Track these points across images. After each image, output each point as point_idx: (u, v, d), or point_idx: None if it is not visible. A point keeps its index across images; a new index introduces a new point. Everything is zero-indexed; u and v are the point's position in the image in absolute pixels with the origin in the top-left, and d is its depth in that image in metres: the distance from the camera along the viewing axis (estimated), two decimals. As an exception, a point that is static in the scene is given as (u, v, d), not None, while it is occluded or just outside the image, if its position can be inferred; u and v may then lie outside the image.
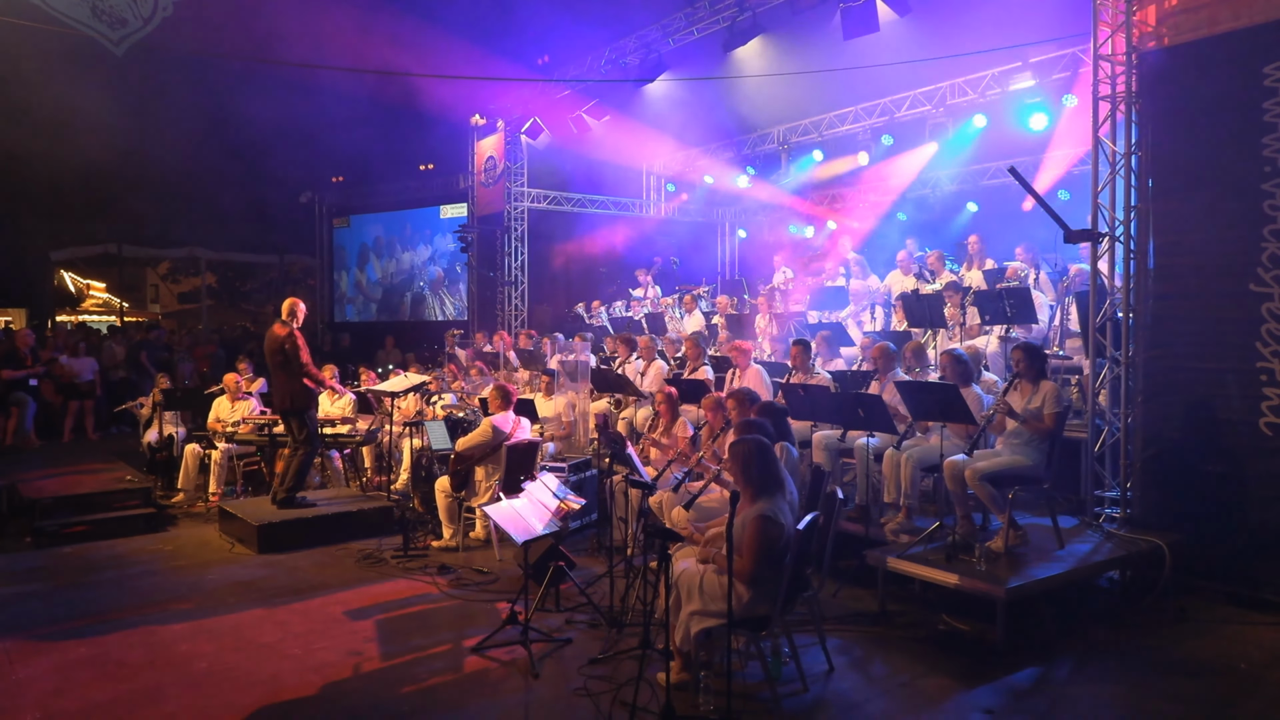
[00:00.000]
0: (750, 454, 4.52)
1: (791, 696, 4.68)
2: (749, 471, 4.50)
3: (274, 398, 8.41)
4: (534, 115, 16.05)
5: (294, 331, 8.19)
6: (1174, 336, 6.57)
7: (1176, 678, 4.94)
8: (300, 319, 8.35)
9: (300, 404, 8.22)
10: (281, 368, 8.16)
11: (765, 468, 4.51)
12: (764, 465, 4.51)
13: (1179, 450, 6.50)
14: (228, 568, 7.29)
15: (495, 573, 6.96)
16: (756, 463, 4.50)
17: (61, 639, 5.70)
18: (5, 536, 8.33)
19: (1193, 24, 6.46)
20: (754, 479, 4.49)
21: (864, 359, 8.33)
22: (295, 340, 8.14)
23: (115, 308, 25.58)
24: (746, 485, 4.51)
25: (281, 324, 8.26)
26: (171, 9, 10.90)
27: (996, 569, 5.54)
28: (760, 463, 4.51)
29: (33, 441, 13.02)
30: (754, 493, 4.49)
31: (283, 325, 8.23)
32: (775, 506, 4.42)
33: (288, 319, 8.26)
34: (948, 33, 11.20)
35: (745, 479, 4.52)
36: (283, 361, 8.13)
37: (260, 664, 5.22)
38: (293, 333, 8.18)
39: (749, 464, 4.51)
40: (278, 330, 8.22)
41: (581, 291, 16.93)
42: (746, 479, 4.51)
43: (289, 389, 8.17)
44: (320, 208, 23.68)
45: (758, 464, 4.50)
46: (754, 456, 4.51)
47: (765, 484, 4.49)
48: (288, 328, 8.20)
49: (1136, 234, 6.81)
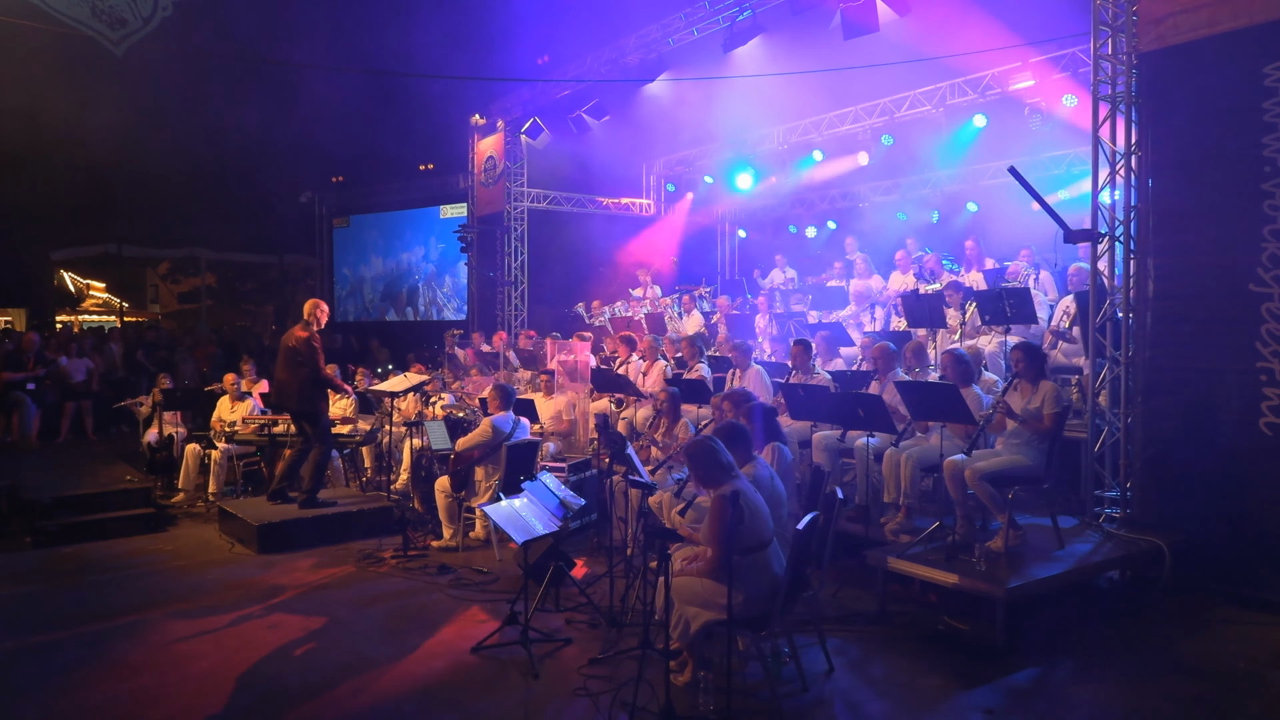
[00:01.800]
0: (695, 455, 4.73)
1: (791, 696, 4.68)
2: (697, 471, 4.72)
3: (286, 398, 8.38)
4: (534, 115, 16.04)
5: (314, 336, 8.23)
6: (1174, 336, 6.57)
7: (1177, 678, 4.93)
8: (321, 322, 8.38)
9: (314, 405, 8.26)
10: (296, 369, 8.17)
11: (711, 460, 4.66)
12: (710, 459, 4.67)
13: (1179, 450, 6.50)
14: (228, 568, 7.29)
15: (495, 572, 6.96)
16: (702, 462, 4.69)
17: (62, 639, 5.71)
18: (5, 536, 8.33)
19: (1192, 24, 6.46)
20: (703, 476, 4.69)
21: (864, 359, 8.34)
22: (314, 346, 8.17)
23: (115, 308, 25.57)
24: (701, 484, 4.75)
25: (303, 326, 8.28)
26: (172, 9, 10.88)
27: (996, 569, 5.55)
28: (705, 460, 4.68)
29: (32, 442, 13.01)
30: (710, 488, 4.65)
31: (304, 328, 8.26)
32: (731, 488, 4.48)
33: (309, 321, 8.29)
34: (947, 32, 11.20)
35: (697, 479, 4.75)
36: (299, 363, 8.15)
37: (260, 664, 5.22)
38: (313, 337, 8.21)
39: (695, 464, 4.72)
40: (298, 332, 8.24)
41: (582, 291, 16.90)
42: (698, 479, 4.74)
43: (303, 390, 8.19)
44: (320, 208, 23.68)
45: (703, 462, 4.68)
46: (698, 457, 4.71)
47: (714, 476, 4.65)
48: (308, 331, 8.23)
49: (1136, 234, 6.82)
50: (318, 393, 8.29)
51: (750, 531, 4.50)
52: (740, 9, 11.58)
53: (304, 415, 8.31)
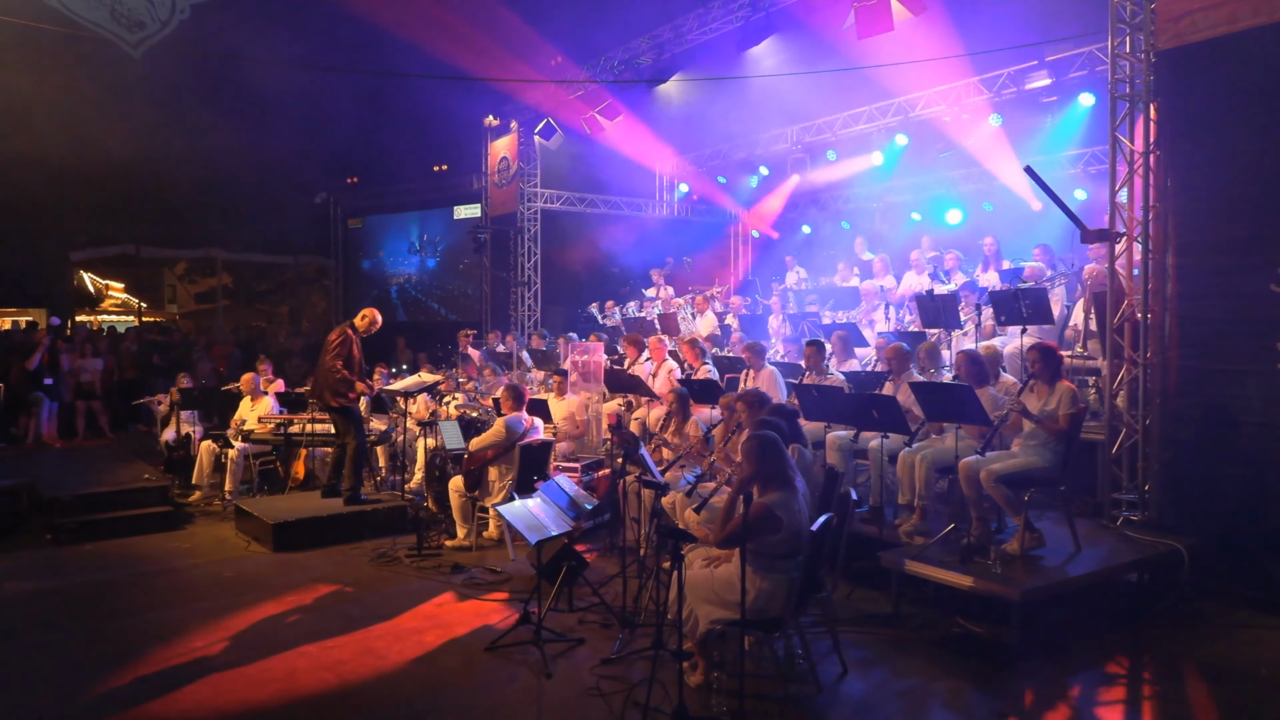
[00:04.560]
0: (760, 447, 4.57)
1: (804, 698, 4.66)
2: (758, 464, 4.54)
3: (319, 392, 8.55)
4: (547, 116, 16.08)
5: (349, 335, 8.46)
6: (1192, 338, 6.51)
7: (1195, 683, 4.89)
8: (365, 329, 8.57)
9: (339, 401, 8.40)
10: (330, 364, 8.35)
11: (774, 461, 4.53)
12: (774, 458, 4.54)
13: (1198, 452, 6.44)
14: (244, 566, 7.34)
15: (508, 572, 6.97)
16: (767, 455, 4.54)
17: (82, 634, 5.76)
18: (26, 533, 8.43)
19: (1212, 21, 6.38)
20: (760, 472, 4.53)
21: (878, 360, 8.29)
22: (349, 342, 8.40)
23: (134, 308, 25.77)
24: (754, 478, 4.55)
25: (345, 325, 8.56)
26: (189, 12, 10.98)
27: (1012, 571, 5.51)
28: (770, 455, 4.54)
29: (51, 441, 13.14)
30: (761, 486, 4.53)
31: (345, 327, 8.53)
32: (783, 504, 4.42)
33: (354, 323, 8.56)
34: (962, 32, 11.15)
35: (753, 470, 4.56)
36: (332, 359, 8.35)
37: (275, 661, 5.25)
38: (348, 336, 8.44)
39: (757, 457, 4.55)
40: (339, 330, 8.53)
41: (595, 292, 16.93)
42: (755, 471, 4.55)
43: (335, 386, 8.33)
44: (335, 208, 23.81)
45: (768, 457, 4.53)
46: (765, 449, 4.55)
47: (771, 478, 4.52)
48: (344, 329, 8.50)
49: (1154, 233, 6.76)
50: (341, 390, 8.41)
51: (785, 541, 4.47)
52: (754, 9, 11.57)
53: (335, 410, 8.47)
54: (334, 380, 8.33)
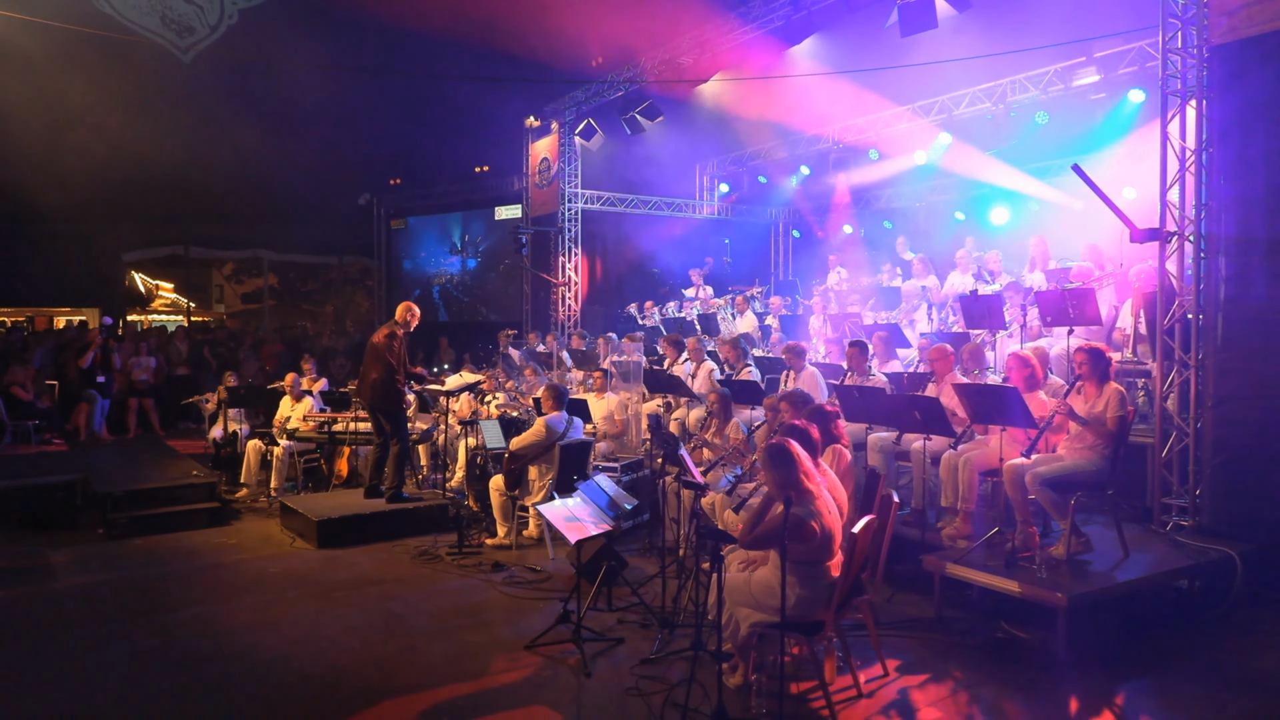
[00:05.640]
0: (768, 458, 4.58)
1: (845, 702, 4.63)
2: (771, 473, 4.55)
3: (367, 394, 8.60)
4: (588, 117, 16.15)
5: (395, 333, 8.51)
6: (1245, 339, 6.34)
7: (1247, 693, 4.77)
8: (410, 325, 8.64)
9: (393, 402, 8.50)
10: (378, 366, 8.43)
11: (784, 469, 4.48)
12: (783, 467, 4.48)
13: (1251, 456, 6.27)
14: (289, 562, 7.47)
15: (548, 571, 7.02)
16: (775, 464, 4.51)
17: (133, 628, 5.91)
18: (79, 528, 8.65)
19: (1269, 14, 6.20)
20: (776, 480, 4.51)
21: (921, 360, 8.19)
22: (395, 346, 8.45)
23: (183, 308, 26.36)
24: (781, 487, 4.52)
25: (391, 325, 8.60)
26: (237, 17, 11.20)
27: (1058, 576, 5.41)
28: (779, 464, 4.50)
29: (104, 437, 13.48)
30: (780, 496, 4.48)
31: (390, 327, 8.57)
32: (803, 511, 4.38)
33: (398, 322, 8.59)
34: (1008, 28, 10.97)
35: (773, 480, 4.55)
36: (380, 361, 8.42)
37: (320, 656, 5.34)
38: (394, 334, 8.50)
39: (768, 467, 4.56)
40: (384, 331, 8.57)
41: (634, 292, 16.94)
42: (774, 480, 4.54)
43: (383, 387, 8.42)
44: (378, 209, 24.13)
45: (776, 465, 4.50)
46: (772, 459, 4.55)
47: (784, 486, 4.45)
48: (392, 329, 8.54)
49: (1206, 233, 6.60)
50: (396, 391, 8.51)
51: (819, 548, 4.45)
52: (795, 7, 11.50)
53: (382, 411, 8.56)
54: (389, 383, 8.38)
